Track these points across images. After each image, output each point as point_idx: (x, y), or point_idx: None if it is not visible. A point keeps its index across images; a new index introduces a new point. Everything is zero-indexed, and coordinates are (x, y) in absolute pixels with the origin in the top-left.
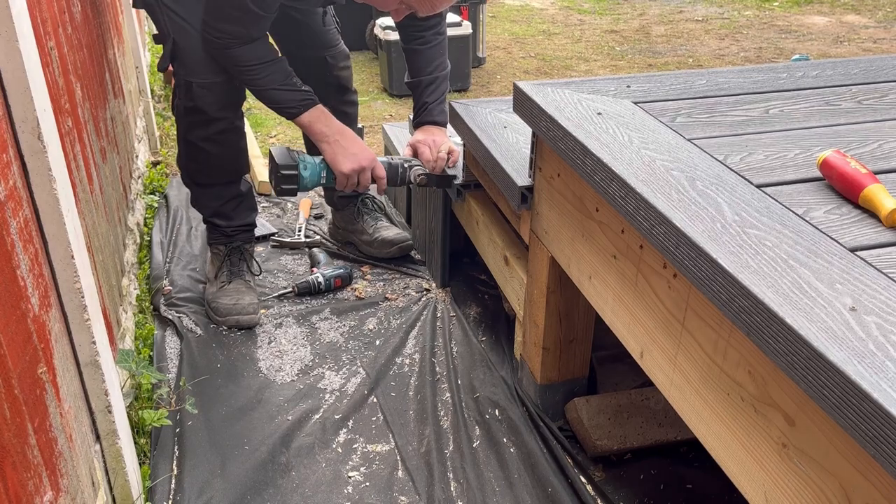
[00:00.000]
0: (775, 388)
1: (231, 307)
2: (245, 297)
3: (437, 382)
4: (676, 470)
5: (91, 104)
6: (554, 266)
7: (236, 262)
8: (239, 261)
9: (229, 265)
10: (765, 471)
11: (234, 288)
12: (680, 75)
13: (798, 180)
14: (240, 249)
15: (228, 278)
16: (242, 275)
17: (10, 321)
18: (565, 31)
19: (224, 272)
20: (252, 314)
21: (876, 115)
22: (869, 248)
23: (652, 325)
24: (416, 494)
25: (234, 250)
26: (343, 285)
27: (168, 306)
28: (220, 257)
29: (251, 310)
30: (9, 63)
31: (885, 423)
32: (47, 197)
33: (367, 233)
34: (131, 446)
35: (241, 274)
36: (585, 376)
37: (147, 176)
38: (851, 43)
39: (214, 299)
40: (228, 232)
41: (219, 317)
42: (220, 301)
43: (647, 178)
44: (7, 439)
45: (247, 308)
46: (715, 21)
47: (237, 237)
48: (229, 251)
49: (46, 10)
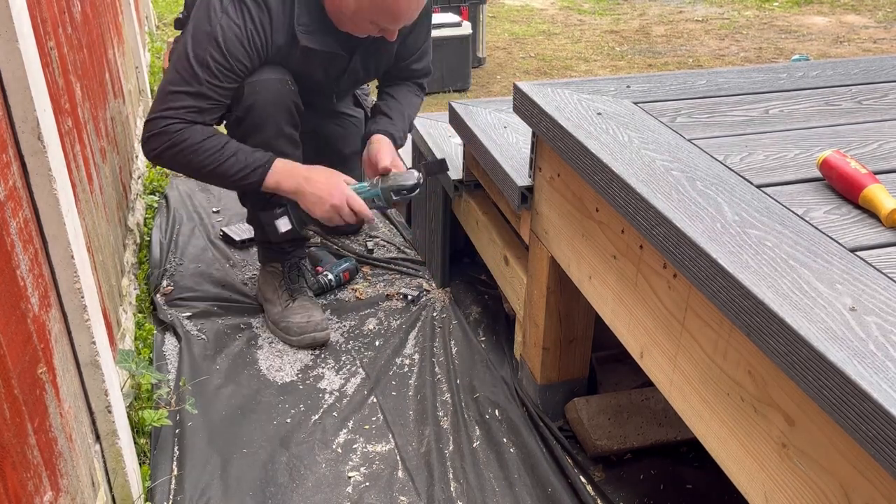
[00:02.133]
0: (775, 388)
1: (305, 325)
2: (315, 314)
3: (437, 382)
4: (676, 470)
5: (91, 104)
6: (554, 266)
7: (295, 279)
8: (298, 277)
9: (289, 283)
10: (765, 471)
11: (301, 305)
12: (680, 75)
13: (798, 180)
14: (297, 266)
15: (291, 296)
16: (304, 291)
17: (10, 321)
18: (565, 32)
19: (284, 290)
20: (326, 330)
21: (876, 115)
22: (869, 248)
23: (652, 325)
24: (416, 495)
25: (293, 267)
26: (352, 277)
27: (168, 306)
28: (278, 276)
29: (324, 325)
30: (9, 63)
31: (885, 423)
32: (47, 197)
33: None
34: (131, 446)
35: (302, 290)
36: (585, 376)
37: (147, 176)
38: (851, 43)
39: (283, 319)
40: (284, 248)
41: (293, 336)
42: (292, 320)
43: (647, 179)
44: (7, 439)
45: (321, 324)
46: (715, 21)
47: (293, 253)
48: (287, 268)
49: (46, 10)
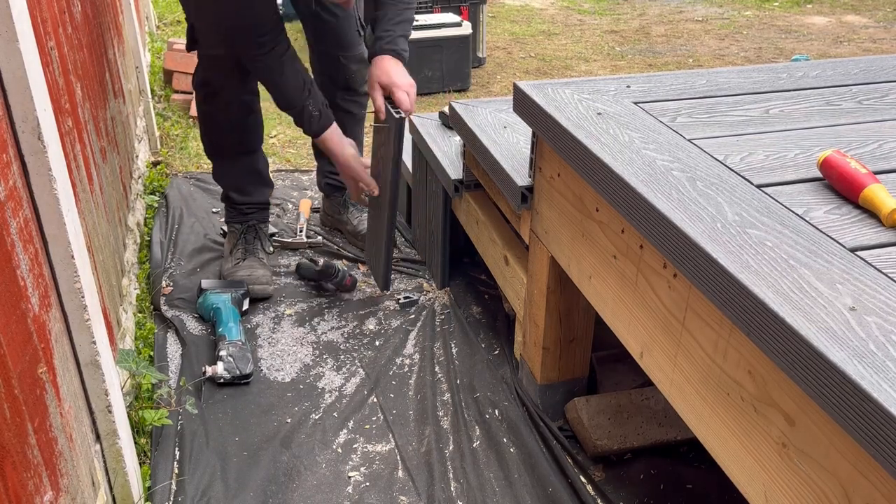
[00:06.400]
0: (775, 388)
1: (245, 278)
2: (258, 271)
3: (437, 382)
4: (676, 470)
5: (91, 104)
6: (554, 266)
7: (251, 241)
8: (254, 239)
9: (244, 243)
10: (765, 471)
11: (248, 264)
12: (680, 75)
13: (798, 180)
14: (255, 228)
15: (243, 255)
16: (256, 252)
17: (10, 321)
18: (565, 32)
19: (239, 249)
20: (265, 284)
21: (876, 115)
22: (869, 248)
23: (652, 325)
24: (417, 494)
25: (250, 228)
26: (352, 286)
27: (168, 306)
28: (236, 235)
29: (265, 280)
30: (9, 63)
31: (885, 423)
32: (47, 197)
33: (352, 223)
34: (131, 446)
35: (254, 252)
36: (585, 376)
37: (147, 176)
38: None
39: (230, 274)
40: (244, 210)
41: None
42: (235, 275)
43: (647, 179)
44: (7, 439)
45: (260, 279)
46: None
47: (252, 216)
48: (245, 229)
49: (46, 10)
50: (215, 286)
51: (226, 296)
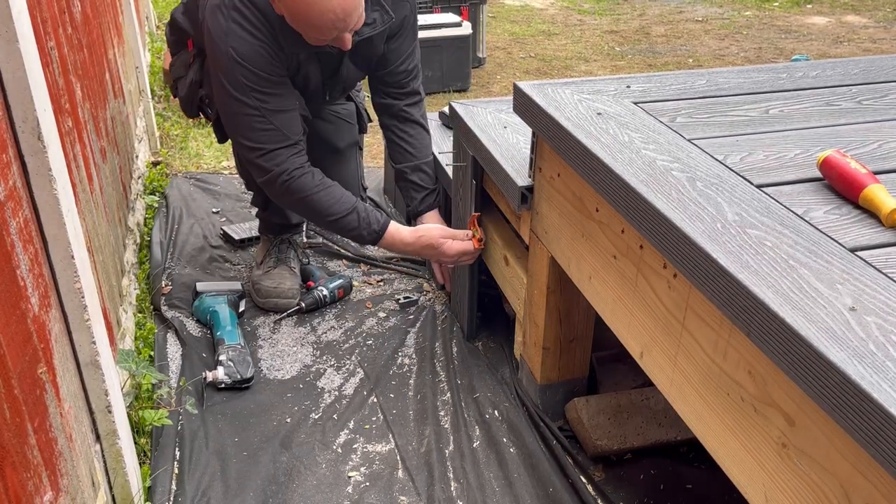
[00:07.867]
0: (775, 388)
1: (272, 290)
2: (286, 282)
3: (437, 382)
4: (676, 470)
5: (91, 104)
6: (554, 266)
7: (284, 250)
8: (287, 248)
9: (277, 252)
10: (765, 471)
11: (279, 273)
12: (680, 75)
13: (798, 180)
14: (288, 241)
15: (275, 264)
16: (288, 261)
17: (10, 321)
18: (565, 32)
19: (271, 258)
20: (290, 298)
21: (876, 115)
22: (869, 248)
23: (652, 325)
24: (417, 494)
25: (283, 241)
26: (346, 294)
27: (168, 306)
28: (269, 244)
29: (290, 294)
30: (9, 63)
31: (885, 423)
32: (47, 197)
33: None
34: (131, 446)
35: (286, 260)
36: (585, 376)
37: (147, 176)
38: (851, 43)
39: (258, 281)
40: (279, 230)
41: (260, 298)
42: (263, 283)
43: (647, 179)
44: (7, 439)
45: (286, 293)
46: (715, 21)
47: (289, 230)
48: (279, 240)
49: (46, 10)
50: (211, 288)
51: (222, 298)
